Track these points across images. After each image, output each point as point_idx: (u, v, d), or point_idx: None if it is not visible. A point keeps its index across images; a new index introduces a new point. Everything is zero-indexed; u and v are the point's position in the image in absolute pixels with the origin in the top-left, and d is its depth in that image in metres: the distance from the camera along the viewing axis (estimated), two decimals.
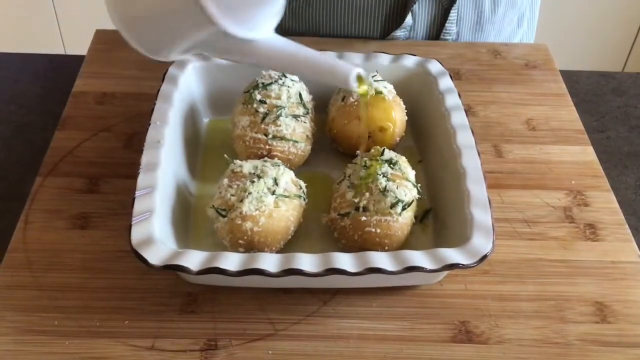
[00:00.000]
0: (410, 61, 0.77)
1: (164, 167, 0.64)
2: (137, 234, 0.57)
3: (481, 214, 0.61)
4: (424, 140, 0.75)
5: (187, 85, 0.74)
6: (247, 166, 0.62)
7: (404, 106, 0.72)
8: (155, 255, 0.56)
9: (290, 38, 0.55)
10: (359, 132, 0.69)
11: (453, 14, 0.90)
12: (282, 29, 0.93)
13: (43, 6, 2.04)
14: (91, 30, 0.93)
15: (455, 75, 0.85)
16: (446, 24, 0.91)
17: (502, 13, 0.94)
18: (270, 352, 0.58)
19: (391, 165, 0.64)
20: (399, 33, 0.91)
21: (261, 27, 0.52)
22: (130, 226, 0.58)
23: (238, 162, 0.63)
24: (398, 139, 0.71)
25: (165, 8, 0.50)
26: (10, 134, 0.87)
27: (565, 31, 2.02)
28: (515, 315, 0.61)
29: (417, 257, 0.57)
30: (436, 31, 0.92)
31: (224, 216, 0.60)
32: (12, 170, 0.82)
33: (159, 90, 0.71)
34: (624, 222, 0.70)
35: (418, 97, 0.76)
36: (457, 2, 0.89)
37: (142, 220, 0.58)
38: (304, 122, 0.69)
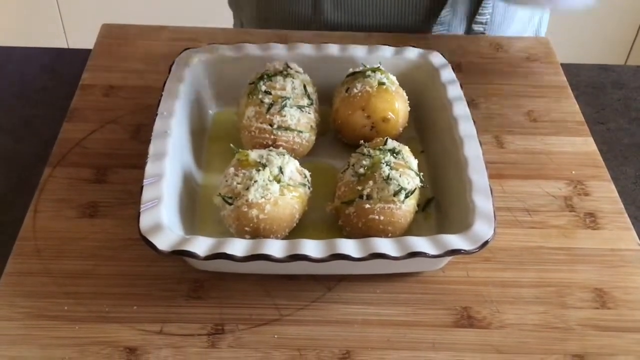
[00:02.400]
0: (412, 53, 0.78)
1: (171, 156, 0.65)
2: (145, 220, 0.59)
3: (483, 201, 0.62)
4: (427, 131, 0.76)
5: (193, 78, 0.75)
6: (253, 155, 0.63)
7: (407, 97, 0.73)
8: (164, 242, 0.57)
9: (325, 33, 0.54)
10: (362, 123, 0.70)
11: None
12: (323, 21, 0.92)
13: (46, 0, 2.05)
14: (94, 23, 0.94)
15: (456, 68, 0.86)
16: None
17: None
18: (276, 336, 0.59)
19: (394, 155, 0.65)
20: (444, 13, 0.91)
21: None
22: (139, 213, 0.59)
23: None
24: (401, 129, 0.72)
25: None
26: (19, 127, 0.88)
27: (568, 25, 2.02)
28: (516, 301, 0.62)
29: (420, 243, 0.58)
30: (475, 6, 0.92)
31: (230, 204, 0.61)
32: (21, 161, 0.83)
33: (165, 81, 0.73)
34: (623, 211, 0.71)
35: (420, 88, 0.77)
36: None
37: (150, 208, 0.60)
38: (309, 113, 0.70)
